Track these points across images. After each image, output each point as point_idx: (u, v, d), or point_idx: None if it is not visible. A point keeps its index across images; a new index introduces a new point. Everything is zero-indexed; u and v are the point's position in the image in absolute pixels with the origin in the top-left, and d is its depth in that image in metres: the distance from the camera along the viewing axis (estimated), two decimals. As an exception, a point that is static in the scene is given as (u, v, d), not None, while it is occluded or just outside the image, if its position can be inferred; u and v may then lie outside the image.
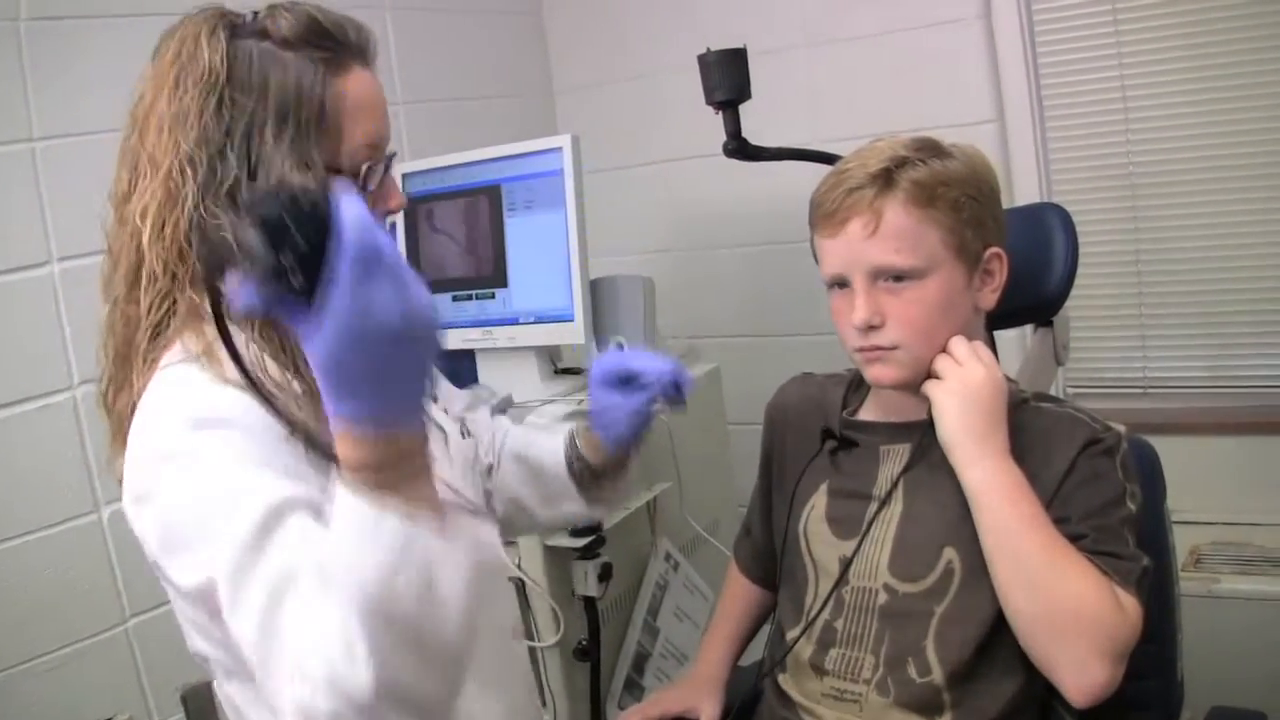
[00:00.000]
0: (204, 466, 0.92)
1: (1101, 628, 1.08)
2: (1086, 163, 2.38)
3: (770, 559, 1.39)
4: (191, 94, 1.02)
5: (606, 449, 1.33)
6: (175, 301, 1.03)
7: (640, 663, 2.04)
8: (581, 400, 1.94)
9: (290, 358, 1.01)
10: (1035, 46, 2.37)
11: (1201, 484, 2.22)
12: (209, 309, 0.92)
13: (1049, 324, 1.72)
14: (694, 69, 2.01)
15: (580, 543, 1.83)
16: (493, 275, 2.14)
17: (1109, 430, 1.21)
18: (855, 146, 1.28)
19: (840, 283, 1.25)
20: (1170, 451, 1.43)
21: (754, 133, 2.06)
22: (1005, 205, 1.30)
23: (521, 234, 2.11)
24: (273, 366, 1.00)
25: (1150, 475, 1.37)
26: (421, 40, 2.60)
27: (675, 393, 1.26)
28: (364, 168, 1.07)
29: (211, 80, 1.02)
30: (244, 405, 0.95)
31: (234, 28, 1.06)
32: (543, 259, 2.08)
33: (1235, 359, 2.31)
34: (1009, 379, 1.29)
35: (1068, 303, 1.59)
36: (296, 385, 0.99)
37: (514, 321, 2.11)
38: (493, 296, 2.14)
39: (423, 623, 0.81)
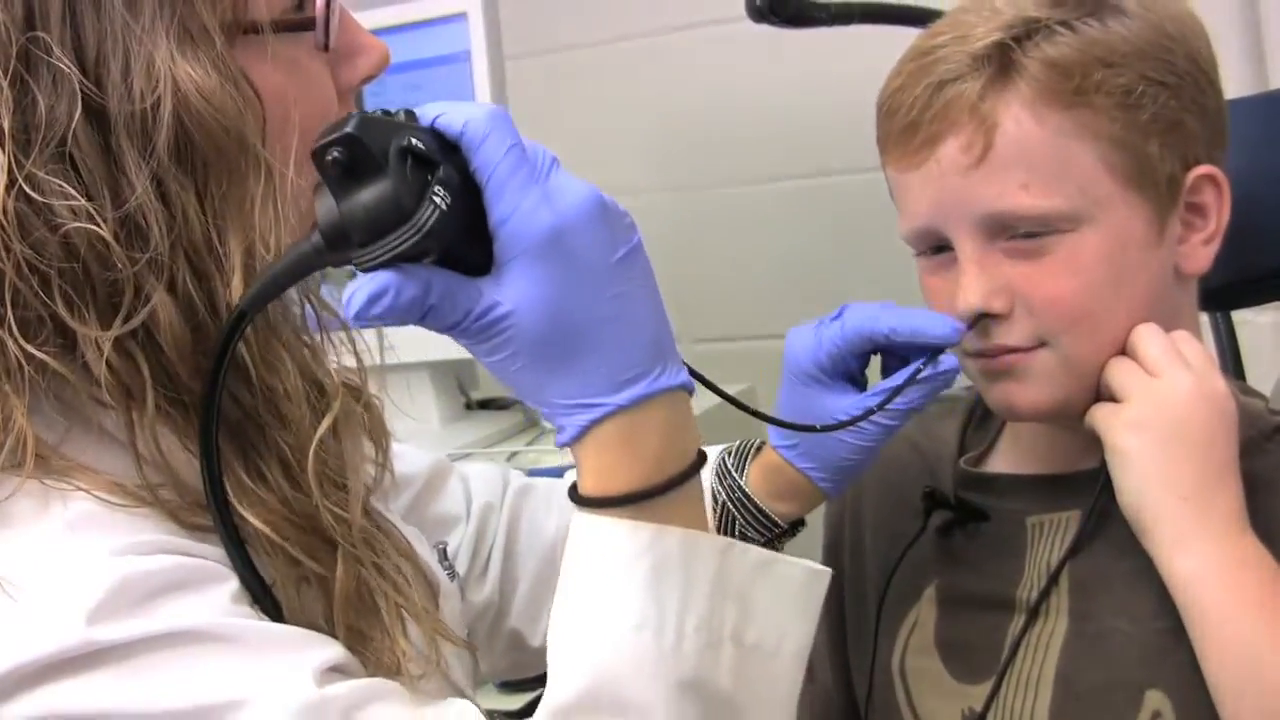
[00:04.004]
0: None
1: None
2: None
3: (849, 717, 1.11)
4: None
5: (808, 495, 0.97)
6: None
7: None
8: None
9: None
10: None
11: None
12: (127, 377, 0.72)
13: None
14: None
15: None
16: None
17: None
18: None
19: (934, 244, 1.00)
20: None
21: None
22: (1236, 92, 1.07)
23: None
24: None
25: None
26: None
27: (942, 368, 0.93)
28: (295, 12, 0.79)
29: None
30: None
31: None
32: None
33: None
34: (1248, 393, 1.06)
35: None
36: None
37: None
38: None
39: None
